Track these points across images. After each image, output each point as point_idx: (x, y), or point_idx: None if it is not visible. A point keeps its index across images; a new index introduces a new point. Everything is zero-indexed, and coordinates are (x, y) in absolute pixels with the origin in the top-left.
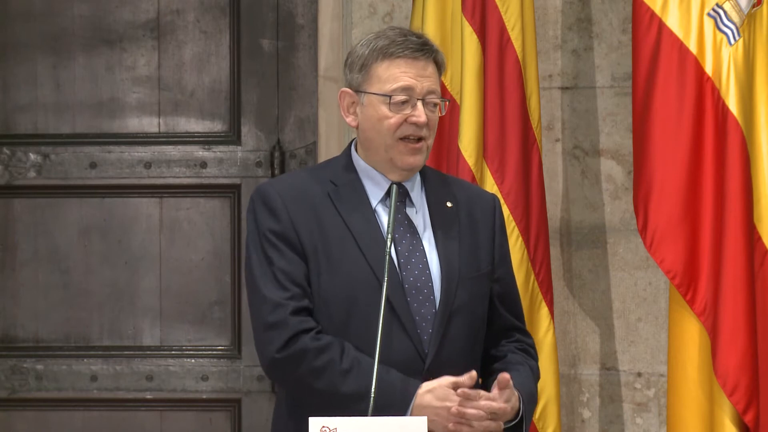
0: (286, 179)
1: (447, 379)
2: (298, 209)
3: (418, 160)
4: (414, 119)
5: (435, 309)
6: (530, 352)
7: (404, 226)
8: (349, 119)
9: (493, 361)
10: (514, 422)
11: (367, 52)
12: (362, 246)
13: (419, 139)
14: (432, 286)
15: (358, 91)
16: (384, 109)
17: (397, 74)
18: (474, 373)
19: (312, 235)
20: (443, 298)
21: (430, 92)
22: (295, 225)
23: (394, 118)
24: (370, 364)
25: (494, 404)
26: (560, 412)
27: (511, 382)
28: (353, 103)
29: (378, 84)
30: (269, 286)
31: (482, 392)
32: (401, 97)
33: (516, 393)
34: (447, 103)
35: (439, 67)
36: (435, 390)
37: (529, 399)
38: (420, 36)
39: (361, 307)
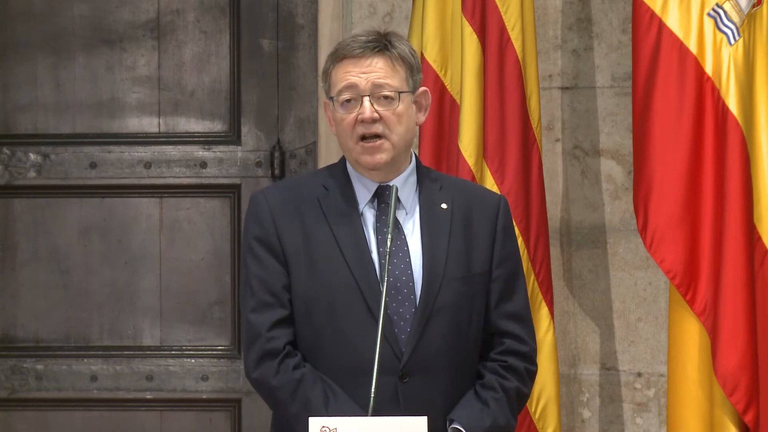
0: (281, 184)
1: None
2: (283, 215)
3: (378, 158)
4: (360, 116)
5: (415, 309)
6: (514, 367)
7: (388, 227)
8: (333, 127)
9: (478, 375)
10: None
11: (327, 60)
12: (343, 249)
13: (376, 137)
14: (413, 286)
15: (329, 99)
16: (339, 112)
17: (341, 75)
18: None
19: (295, 240)
20: (423, 297)
21: (378, 86)
22: (279, 230)
23: (347, 120)
24: (320, 406)
25: None
26: (560, 412)
27: None
28: (333, 114)
29: (332, 89)
30: (246, 296)
31: None
32: (346, 96)
33: None
34: (402, 94)
35: (401, 60)
36: None
37: None
38: (375, 34)
39: (339, 310)
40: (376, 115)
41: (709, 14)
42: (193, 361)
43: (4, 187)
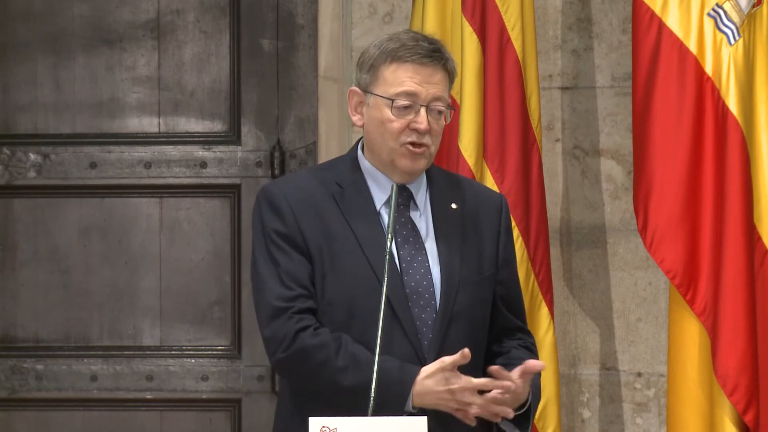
0: (292, 179)
1: (443, 361)
2: (303, 211)
3: (419, 164)
4: (415, 125)
5: (436, 314)
6: (532, 349)
7: (407, 229)
8: (356, 118)
9: (495, 356)
10: (521, 411)
11: (377, 53)
12: (365, 248)
13: (421, 145)
14: (433, 291)
15: (365, 91)
16: (387, 112)
17: (403, 78)
18: (467, 350)
19: (317, 236)
20: (443, 303)
21: (436, 99)
22: (300, 226)
23: (397, 123)
24: (369, 358)
25: (515, 384)
26: (560, 412)
27: (529, 371)
28: (360, 102)
29: (384, 86)
30: (275, 288)
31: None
32: (404, 102)
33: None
34: (452, 111)
35: (450, 74)
36: (434, 375)
37: (536, 392)
38: (433, 42)
39: (362, 309)
40: (428, 126)
41: (709, 14)
42: (193, 361)
43: (4, 187)
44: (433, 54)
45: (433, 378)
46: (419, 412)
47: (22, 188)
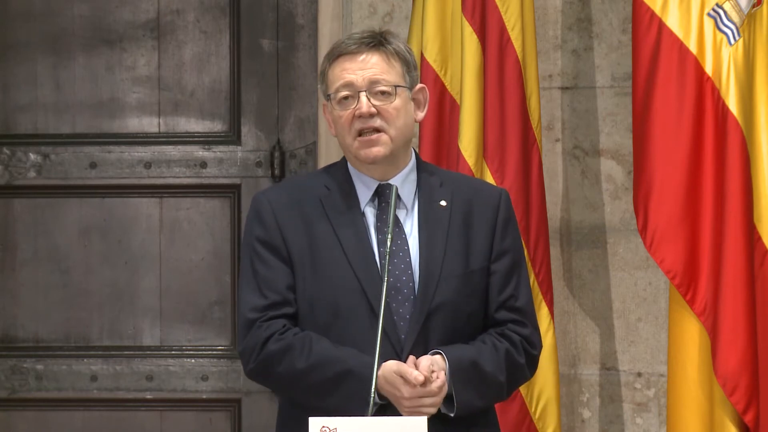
0: (282, 186)
1: (393, 366)
2: (287, 216)
3: (376, 151)
4: (357, 112)
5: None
6: (509, 336)
7: (388, 226)
8: (332, 129)
9: None
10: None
11: (322, 62)
12: (347, 249)
13: (374, 131)
14: (413, 286)
15: (327, 101)
16: (336, 110)
17: (338, 73)
18: (414, 359)
19: (299, 241)
20: (420, 297)
21: (374, 82)
22: (283, 232)
23: (344, 116)
24: (331, 354)
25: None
26: (560, 412)
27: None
28: (330, 113)
29: (329, 87)
30: (250, 299)
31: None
32: (343, 93)
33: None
34: (399, 88)
35: (397, 55)
36: (386, 376)
37: (460, 367)
38: (368, 32)
39: (343, 310)
40: (373, 109)
41: (709, 14)
42: (193, 361)
43: (4, 187)
44: (362, 41)
45: (386, 378)
46: (387, 403)
47: (22, 188)
